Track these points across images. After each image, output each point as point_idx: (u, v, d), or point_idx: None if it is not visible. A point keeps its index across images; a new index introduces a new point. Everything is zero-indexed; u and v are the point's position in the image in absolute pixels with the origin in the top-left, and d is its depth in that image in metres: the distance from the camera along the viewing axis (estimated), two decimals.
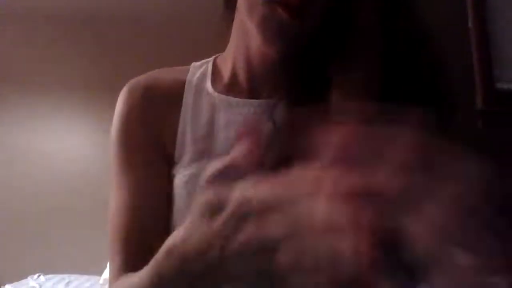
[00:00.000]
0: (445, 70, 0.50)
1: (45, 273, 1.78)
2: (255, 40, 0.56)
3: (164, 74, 0.64)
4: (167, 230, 0.58)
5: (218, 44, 0.66)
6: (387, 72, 0.47)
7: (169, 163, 0.60)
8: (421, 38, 0.50)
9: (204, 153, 0.58)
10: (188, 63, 0.66)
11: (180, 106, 0.61)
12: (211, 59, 0.66)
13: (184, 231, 0.34)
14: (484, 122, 1.77)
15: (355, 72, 0.48)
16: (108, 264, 1.87)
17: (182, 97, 0.61)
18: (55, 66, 2.07)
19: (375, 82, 0.46)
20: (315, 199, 0.29)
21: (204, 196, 0.34)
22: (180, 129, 0.60)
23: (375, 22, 0.48)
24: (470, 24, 1.90)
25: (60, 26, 2.06)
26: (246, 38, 0.58)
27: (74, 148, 2.09)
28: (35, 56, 2.07)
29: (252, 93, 0.60)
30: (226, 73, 0.62)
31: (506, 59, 1.87)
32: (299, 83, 0.54)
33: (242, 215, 0.31)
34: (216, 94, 0.60)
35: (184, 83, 0.62)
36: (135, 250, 0.56)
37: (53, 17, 2.06)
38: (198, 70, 0.64)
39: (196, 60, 0.66)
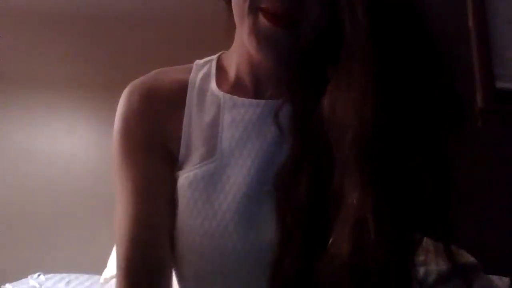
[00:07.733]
0: (453, 73, 0.50)
1: (45, 272, 1.78)
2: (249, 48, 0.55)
3: (166, 74, 0.64)
4: (170, 231, 0.58)
5: (219, 40, 0.65)
6: (390, 78, 0.46)
7: (173, 163, 0.60)
8: (425, 39, 0.48)
9: (209, 153, 0.58)
10: (190, 61, 0.66)
11: (183, 107, 0.60)
12: (215, 57, 0.65)
13: None
14: (484, 121, 1.77)
15: (349, 78, 0.47)
16: (108, 264, 1.86)
17: (185, 97, 0.61)
18: (55, 66, 2.07)
19: (370, 87, 0.46)
20: None
21: None
22: (184, 130, 0.59)
23: (367, 28, 0.46)
24: (470, 24, 1.90)
25: (61, 25, 2.06)
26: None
27: (74, 148, 2.09)
28: (34, 56, 2.07)
29: (257, 93, 0.60)
30: (231, 72, 0.62)
31: (506, 59, 1.87)
32: (300, 85, 0.54)
33: None
34: (221, 94, 0.60)
35: (187, 83, 0.62)
36: (136, 258, 0.55)
37: (54, 16, 2.05)
38: (201, 69, 0.63)
39: (198, 58, 0.66)
